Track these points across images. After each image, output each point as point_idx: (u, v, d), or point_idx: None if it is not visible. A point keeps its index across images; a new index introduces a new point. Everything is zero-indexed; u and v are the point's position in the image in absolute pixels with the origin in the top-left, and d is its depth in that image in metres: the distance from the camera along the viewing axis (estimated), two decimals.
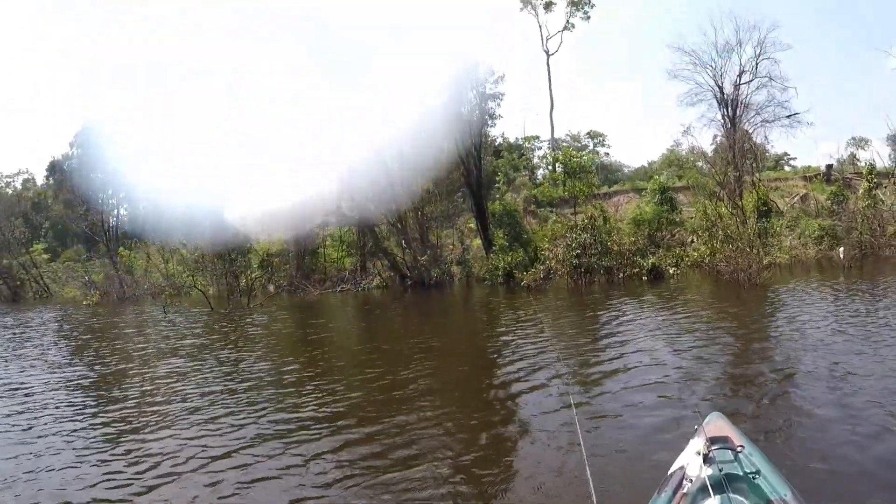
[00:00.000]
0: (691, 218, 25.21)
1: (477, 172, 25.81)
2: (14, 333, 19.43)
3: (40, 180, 50.63)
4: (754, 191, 24.63)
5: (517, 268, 23.48)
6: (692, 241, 24.34)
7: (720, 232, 20.41)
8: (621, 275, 21.91)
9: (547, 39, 37.42)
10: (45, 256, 39.86)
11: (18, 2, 64.83)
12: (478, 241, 26.96)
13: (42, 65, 75.08)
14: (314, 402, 9.10)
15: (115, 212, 40.15)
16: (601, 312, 15.66)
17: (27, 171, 52.25)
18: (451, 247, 27.36)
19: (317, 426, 7.96)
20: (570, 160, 26.67)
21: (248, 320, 19.05)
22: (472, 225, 27.34)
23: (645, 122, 73.44)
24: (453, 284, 25.72)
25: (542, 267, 22.95)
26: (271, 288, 26.41)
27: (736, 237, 19.35)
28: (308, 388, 10.09)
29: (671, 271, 22.19)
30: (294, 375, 11.18)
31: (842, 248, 22.02)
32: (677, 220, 25.58)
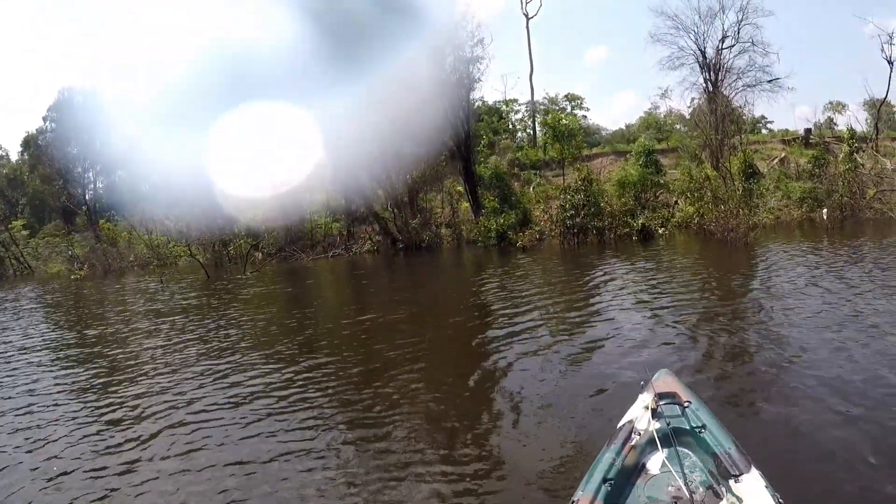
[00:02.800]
0: (675, 180, 25.11)
1: (465, 136, 25.28)
2: (21, 305, 19.08)
3: (14, 156, 48.95)
4: (740, 153, 24.61)
5: (510, 229, 23.47)
6: (676, 203, 24.24)
7: (709, 193, 20.54)
8: (612, 235, 21.86)
9: (526, 3, 36.72)
10: (25, 233, 38.67)
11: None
12: (465, 205, 26.56)
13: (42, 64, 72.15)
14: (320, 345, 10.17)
15: (93, 185, 39.17)
16: (595, 271, 15.59)
17: (0, 147, 50.55)
18: (439, 210, 26.92)
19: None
20: (558, 123, 26.56)
21: (247, 285, 18.92)
22: (459, 188, 26.86)
23: (622, 86, 72.76)
24: (442, 247, 25.39)
25: (537, 228, 22.98)
26: (259, 255, 25.82)
27: (725, 199, 19.48)
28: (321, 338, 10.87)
29: (660, 231, 22.16)
30: (304, 327, 11.83)
31: (824, 210, 22.07)
32: (661, 182, 25.35)
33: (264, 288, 18.35)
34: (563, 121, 27.28)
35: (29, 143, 44.24)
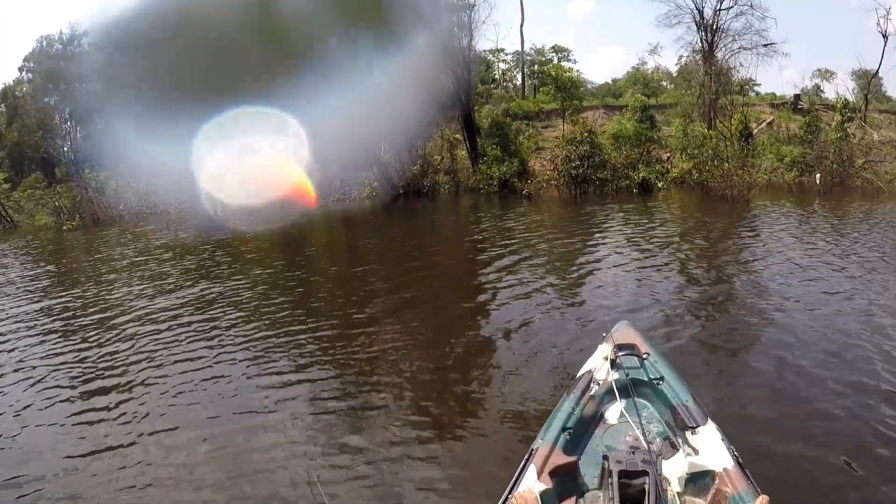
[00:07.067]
0: (670, 136, 25.10)
1: (466, 84, 24.80)
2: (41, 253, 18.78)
3: None
4: (738, 113, 24.60)
5: (513, 177, 23.51)
6: (668, 158, 24.24)
7: (710, 151, 20.59)
8: (613, 187, 22.05)
9: None
10: (6, 186, 37.04)
11: None
12: (462, 152, 26.25)
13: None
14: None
15: (70, 135, 37.72)
16: (598, 220, 16.07)
17: None
18: (438, 157, 26.39)
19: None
20: (561, 75, 26.38)
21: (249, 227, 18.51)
22: (457, 136, 26.47)
23: (607, 41, 71.53)
24: (439, 194, 25.26)
25: (545, 177, 23.02)
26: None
27: (725, 157, 19.60)
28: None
29: (659, 185, 22.33)
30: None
31: (818, 175, 22.27)
32: (655, 137, 25.30)
33: (265, 229, 18.14)
34: (569, 73, 27.30)
35: (6, 95, 42.32)
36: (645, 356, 4.37)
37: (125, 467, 4.99)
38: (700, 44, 27.25)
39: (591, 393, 4.05)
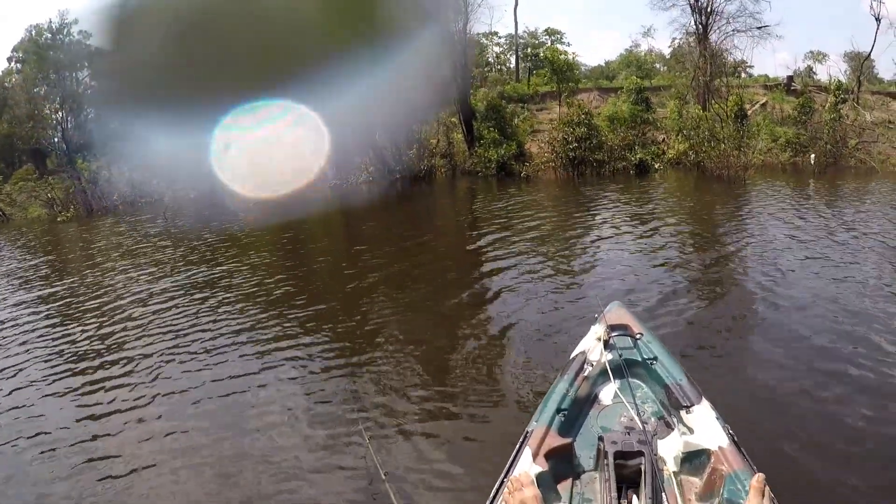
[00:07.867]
0: (665, 118, 25.17)
1: (462, 68, 24.69)
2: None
3: None
4: (734, 95, 24.61)
5: (511, 160, 23.58)
6: (663, 140, 24.29)
7: (706, 132, 20.65)
8: (610, 168, 22.09)
9: None
10: None
11: None
12: (458, 136, 26.16)
13: None
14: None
15: (64, 124, 37.33)
16: (598, 202, 16.02)
17: None
18: (434, 141, 26.27)
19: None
20: (557, 58, 26.46)
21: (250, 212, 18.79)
22: (453, 119, 26.36)
23: (598, 24, 71.05)
24: (435, 177, 25.18)
25: (545, 158, 23.04)
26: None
27: (721, 138, 19.62)
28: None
29: (656, 167, 22.38)
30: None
31: (812, 156, 22.31)
32: (651, 119, 25.37)
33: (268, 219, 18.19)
34: (566, 56, 27.36)
35: None
36: (638, 336, 4.31)
37: (133, 429, 5.22)
38: (694, 26, 27.20)
39: (585, 374, 4.01)
